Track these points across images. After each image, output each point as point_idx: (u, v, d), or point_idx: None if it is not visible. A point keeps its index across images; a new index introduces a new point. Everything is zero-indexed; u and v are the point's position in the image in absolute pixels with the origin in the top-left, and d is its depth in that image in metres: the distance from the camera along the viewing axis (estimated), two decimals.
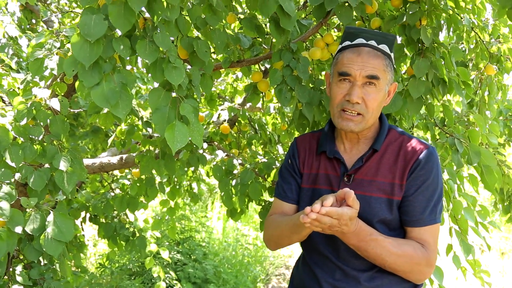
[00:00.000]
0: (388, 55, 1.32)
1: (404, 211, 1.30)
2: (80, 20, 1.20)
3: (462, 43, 2.76)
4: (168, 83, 1.36)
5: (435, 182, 1.30)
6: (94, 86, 1.23)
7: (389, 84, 1.34)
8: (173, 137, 1.24)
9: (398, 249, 1.25)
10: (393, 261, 1.25)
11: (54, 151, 1.56)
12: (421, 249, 1.27)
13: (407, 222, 1.30)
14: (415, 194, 1.28)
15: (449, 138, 1.79)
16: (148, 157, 2.22)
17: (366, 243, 1.22)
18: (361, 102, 1.29)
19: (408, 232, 1.32)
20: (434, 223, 1.30)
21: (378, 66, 1.28)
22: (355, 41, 1.32)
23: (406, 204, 1.29)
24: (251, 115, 3.23)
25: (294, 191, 1.47)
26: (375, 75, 1.27)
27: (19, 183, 1.71)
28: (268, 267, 5.21)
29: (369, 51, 1.29)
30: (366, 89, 1.29)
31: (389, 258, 1.24)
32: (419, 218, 1.28)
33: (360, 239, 1.22)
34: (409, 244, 1.27)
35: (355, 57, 1.29)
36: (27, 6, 3.81)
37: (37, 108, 1.59)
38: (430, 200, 1.29)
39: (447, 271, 1.38)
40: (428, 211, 1.28)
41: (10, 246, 1.27)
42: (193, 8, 1.56)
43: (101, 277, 3.99)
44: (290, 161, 1.50)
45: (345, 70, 1.29)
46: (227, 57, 1.91)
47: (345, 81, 1.31)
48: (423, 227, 1.29)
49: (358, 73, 1.28)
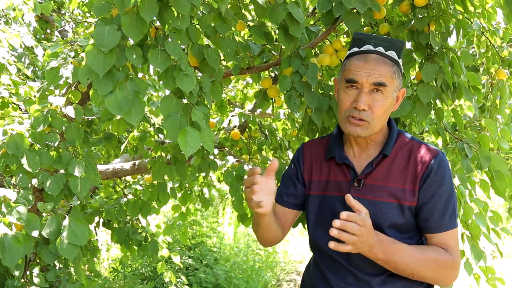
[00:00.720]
0: (396, 61, 1.32)
1: (423, 218, 1.30)
2: (94, 31, 1.24)
3: (473, 48, 2.75)
4: (180, 90, 1.39)
5: (450, 187, 1.30)
6: (107, 94, 1.27)
7: (397, 90, 1.34)
8: (185, 143, 1.27)
9: (423, 255, 1.25)
10: (421, 268, 1.24)
11: (69, 157, 1.60)
12: (444, 253, 1.28)
13: (427, 229, 1.30)
14: (432, 201, 1.28)
15: (459, 143, 1.79)
16: (160, 163, 2.25)
17: (393, 254, 1.22)
18: (368, 109, 1.29)
19: (428, 239, 1.32)
20: (454, 227, 1.30)
21: (386, 73, 1.28)
22: (363, 47, 1.33)
23: (424, 211, 1.29)
24: (261, 121, 3.26)
25: (291, 195, 1.49)
26: (382, 82, 1.28)
27: (35, 188, 1.75)
28: (279, 273, 5.21)
29: (377, 58, 1.30)
30: (373, 96, 1.29)
31: (416, 265, 1.23)
32: (439, 224, 1.29)
33: (386, 249, 1.21)
34: (432, 249, 1.28)
35: (362, 64, 1.30)
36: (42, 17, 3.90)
37: (52, 116, 1.63)
38: (447, 205, 1.29)
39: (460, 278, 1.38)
40: (447, 216, 1.29)
41: (27, 249, 1.31)
42: (203, 16, 1.59)
43: (114, 281, 4.03)
44: (293, 166, 1.51)
45: (352, 77, 1.30)
46: (237, 64, 1.94)
47: (353, 88, 1.31)
48: (444, 232, 1.29)
49: (365, 80, 1.28)
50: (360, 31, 1.76)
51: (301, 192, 1.49)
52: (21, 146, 1.51)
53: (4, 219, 1.32)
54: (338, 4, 1.66)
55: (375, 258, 1.23)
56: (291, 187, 1.50)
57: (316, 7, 2.01)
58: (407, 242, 1.31)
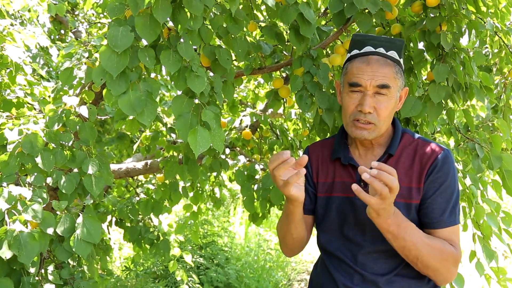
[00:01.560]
0: (397, 61, 1.32)
1: (424, 214, 1.30)
2: (108, 32, 1.26)
3: (486, 48, 2.73)
4: (191, 90, 1.41)
5: (453, 184, 1.30)
6: (121, 95, 1.29)
7: (400, 90, 1.34)
8: (195, 142, 1.29)
9: (430, 241, 1.23)
10: (426, 253, 1.22)
11: (83, 156, 1.63)
12: (449, 246, 1.27)
13: (428, 224, 1.30)
14: (433, 196, 1.28)
15: (470, 143, 1.78)
16: (172, 162, 2.28)
17: (404, 229, 1.19)
18: (373, 112, 1.29)
19: (431, 235, 1.31)
20: (454, 225, 1.30)
21: (389, 75, 1.28)
22: (363, 49, 1.32)
23: (425, 206, 1.29)
24: (273, 121, 3.27)
25: (306, 200, 1.48)
26: (386, 84, 1.27)
27: (50, 187, 1.78)
28: (290, 273, 5.21)
29: (378, 59, 1.29)
30: (377, 98, 1.29)
31: (422, 249, 1.21)
32: (439, 220, 1.28)
33: (399, 222, 1.18)
34: (438, 240, 1.27)
35: (365, 66, 1.29)
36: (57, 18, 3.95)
37: (67, 115, 1.66)
38: (448, 202, 1.29)
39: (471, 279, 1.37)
40: (447, 212, 1.28)
41: (42, 246, 1.34)
42: (215, 17, 1.61)
43: (126, 279, 4.07)
44: None
45: (355, 80, 1.30)
46: (248, 64, 1.95)
47: (356, 91, 1.31)
48: (444, 229, 1.29)
49: (369, 83, 1.28)
50: (371, 31, 1.76)
51: (313, 196, 1.49)
52: (36, 146, 1.54)
53: (20, 217, 1.35)
54: (349, 5, 1.66)
55: (387, 230, 1.19)
56: (305, 193, 1.49)
57: (328, 7, 2.01)
58: None
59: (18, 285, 1.39)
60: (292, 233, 1.42)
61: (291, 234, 1.43)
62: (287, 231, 1.43)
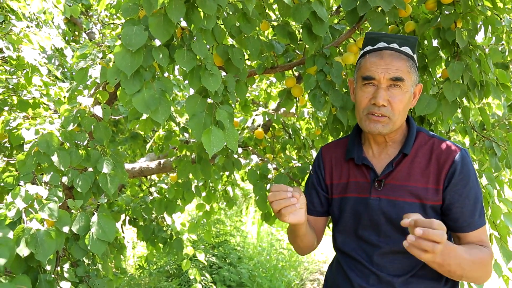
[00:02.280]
0: (411, 56, 1.31)
1: (453, 219, 1.28)
2: (122, 31, 1.27)
3: (503, 44, 2.69)
4: (204, 89, 1.41)
5: (475, 184, 1.29)
6: (135, 94, 1.30)
7: (414, 85, 1.33)
8: (209, 142, 1.29)
9: (471, 256, 1.21)
10: (470, 268, 1.20)
11: (98, 156, 1.65)
12: (484, 249, 1.26)
13: (459, 228, 1.29)
14: (461, 200, 1.26)
15: (486, 142, 1.76)
16: (185, 162, 2.29)
17: (448, 256, 1.16)
18: (387, 105, 1.28)
19: (462, 238, 1.30)
20: (484, 224, 1.29)
21: (402, 68, 1.28)
22: (377, 45, 1.32)
23: (454, 211, 1.27)
24: (285, 120, 3.26)
25: (316, 203, 1.49)
26: (400, 77, 1.27)
27: (65, 186, 1.80)
28: (302, 272, 5.20)
29: (392, 53, 1.29)
30: (391, 92, 1.28)
31: (466, 266, 1.19)
32: (470, 222, 1.27)
33: (442, 252, 1.13)
34: (475, 247, 1.25)
35: (378, 60, 1.29)
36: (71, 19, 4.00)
37: (81, 115, 1.68)
38: (476, 203, 1.27)
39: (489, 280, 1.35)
40: (477, 213, 1.28)
41: (59, 244, 1.35)
42: (228, 17, 1.61)
43: (140, 278, 4.10)
44: (314, 173, 1.51)
45: (369, 74, 1.30)
46: (261, 63, 1.95)
47: (370, 85, 1.31)
48: (476, 230, 1.28)
49: (382, 76, 1.27)
50: (384, 29, 1.75)
51: (324, 199, 1.49)
52: (52, 145, 1.56)
53: (37, 216, 1.37)
54: (362, 3, 1.65)
55: (432, 262, 1.16)
56: (314, 196, 1.50)
57: (340, 5, 2.00)
58: None
59: (35, 283, 1.41)
60: (299, 243, 1.45)
61: (298, 244, 1.46)
62: (294, 242, 1.47)
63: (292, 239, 1.46)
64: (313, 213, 1.50)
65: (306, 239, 1.42)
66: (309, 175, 1.54)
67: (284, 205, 1.18)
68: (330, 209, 1.49)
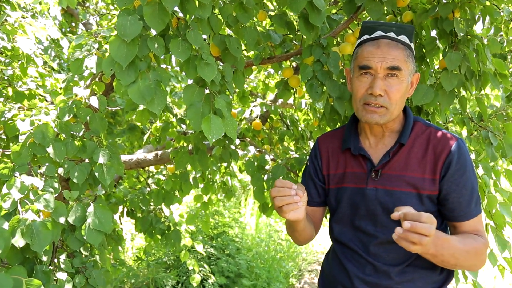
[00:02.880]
0: (408, 45, 1.30)
1: (449, 208, 1.29)
2: (117, 21, 1.26)
3: (501, 35, 2.68)
4: (202, 79, 1.40)
5: (472, 173, 1.29)
6: (130, 84, 1.29)
7: (411, 74, 1.32)
8: (209, 129, 1.29)
9: (465, 245, 1.23)
10: (464, 258, 1.22)
11: (94, 147, 1.64)
12: (478, 238, 1.27)
13: (455, 218, 1.29)
14: (457, 190, 1.27)
15: (483, 131, 1.75)
16: (182, 153, 2.28)
17: (441, 247, 1.18)
18: (384, 95, 1.27)
19: (457, 227, 1.31)
20: (479, 213, 1.30)
21: (399, 57, 1.26)
22: (373, 34, 1.31)
23: (451, 201, 1.28)
24: (283, 111, 3.25)
25: (313, 194, 1.49)
26: (397, 66, 1.26)
27: (62, 177, 1.80)
28: (300, 263, 5.22)
29: (389, 42, 1.28)
30: (388, 81, 1.27)
31: (460, 256, 1.21)
32: (467, 212, 1.28)
33: (435, 243, 1.16)
34: (469, 237, 1.27)
35: (375, 49, 1.28)
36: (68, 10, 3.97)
37: (77, 106, 1.67)
38: (472, 192, 1.28)
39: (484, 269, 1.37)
40: (473, 202, 1.28)
41: (55, 235, 1.35)
42: (225, 6, 1.60)
43: (138, 269, 4.12)
44: (311, 164, 1.51)
45: (365, 63, 1.28)
46: (258, 54, 1.94)
47: (366, 75, 1.30)
48: (472, 219, 1.28)
49: (379, 65, 1.26)
50: (382, 19, 1.74)
51: (321, 189, 1.49)
52: (47, 136, 1.55)
53: (33, 206, 1.37)
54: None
55: (426, 253, 1.18)
56: (311, 186, 1.50)
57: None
58: None
59: (31, 273, 1.41)
60: (297, 236, 1.46)
61: (296, 237, 1.47)
62: (292, 235, 1.48)
63: (291, 232, 1.46)
64: (311, 203, 1.50)
65: (305, 233, 1.43)
66: (306, 166, 1.54)
67: (287, 202, 1.18)
68: (327, 200, 1.49)
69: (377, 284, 1.32)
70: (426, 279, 1.32)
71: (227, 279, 4.08)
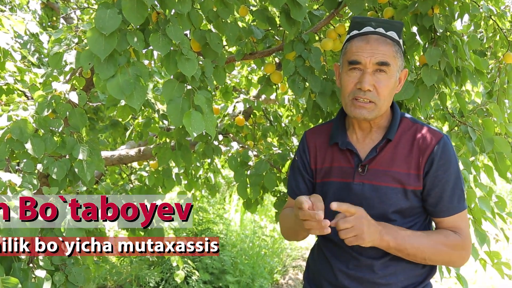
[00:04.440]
0: (397, 41, 1.31)
1: (432, 203, 1.30)
2: (95, 15, 1.25)
3: (481, 31, 2.71)
4: (182, 75, 1.39)
5: (456, 169, 1.30)
6: (109, 78, 1.28)
7: (400, 70, 1.33)
8: (190, 125, 1.28)
9: (431, 240, 1.26)
10: (431, 253, 1.26)
11: (73, 142, 1.62)
12: (453, 235, 1.29)
13: (437, 213, 1.31)
14: (440, 185, 1.28)
15: (462, 126, 1.78)
16: (165, 149, 2.27)
17: (402, 240, 1.23)
18: (373, 90, 1.28)
19: (438, 223, 1.33)
20: (464, 209, 1.31)
21: (388, 53, 1.27)
22: (363, 29, 1.31)
23: (433, 196, 1.29)
24: (267, 107, 3.26)
25: (302, 188, 1.49)
26: (386, 62, 1.27)
27: (41, 174, 1.77)
28: (285, 259, 5.24)
29: (378, 38, 1.29)
30: (377, 76, 1.28)
31: (427, 250, 1.25)
32: (449, 207, 1.29)
33: (395, 236, 1.23)
34: (440, 233, 1.29)
35: (364, 44, 1.28)
36: (48, 4, 3.90)
37: (56, 101, 1.65)
38: (455, 188, 1.29)
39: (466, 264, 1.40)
40: (456, 198, 1.29)
41: (33, 232, 1.33)
42: (205, 1, 1.59)
43: (121, 266, 4.09)
44: (299, 158, 1.50)
45: (354, 58, 1.29)
46: (240, 49, 1.94)
47: (355, 70, 1.30)
48: (454, 215, 1.30)
49: (368, 60, 1.27)
50: (363, 15, 1.75)
51: (310, 183, 1.49)
52: (26, 132, 1.52)
53: (10, 203, 1.34)
54: None
55: (388, 247, 1.24)
56: (300, 181, 1.49)
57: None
58: (411, 226, 1.32)
59: (9, 271, 1.39)
60: (291, 234, 1.47)
61: (290, 235, 1.49)
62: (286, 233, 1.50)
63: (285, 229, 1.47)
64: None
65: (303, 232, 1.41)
66: (294, 160, 1.54)
67: (316, 228, 1.18)
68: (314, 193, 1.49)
69: (361, 278, 1.33)
70: (409, 273, 1.33)
71: (211, 276, 4.08)
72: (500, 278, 2.02)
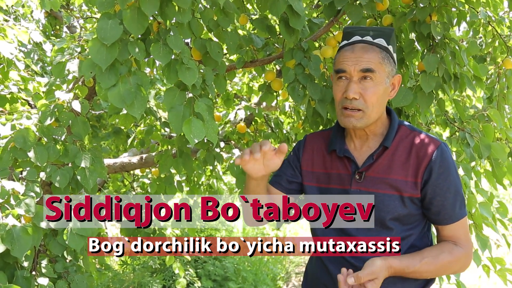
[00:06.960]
0: (385, 48, 1.32)
1: (434, 212, 1.31)
2: (97, 25, 1.27)
3: (481, 37, 2.72)
4: (183, 83, 1.41)
5: (455, 176, 1.31)
6: (110, 87, 1.30)
7: (390, 76, 1.33)
8: (190, 132, 1.30)
9: (437, 262, 1.28)
10: (438, 272, 1.30)
11: (76, 151, 1.64)
12: (456, 248, 1.30)
13: (440, 221, 1.32)
14: (441, 193, 1.28)
15: (460, 133, 1.79)
16: (166, 156, 2.28)
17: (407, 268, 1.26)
18: (359, 98, 1.28)
19: (440, 231, 1.34)
20: (464, 216, 1.32)
21: (373, 60, 1.28)
22: (351, 39, 1.33)
23: (435, 205, 1.29)
24: (268, 114, 3.27)
25: (285, 180, 1.50)
26: (369, 68, 1.27)
27: (44, 182, 1.79)
28: (288, 266, 5.24)
29: (364, 46, 1.30)
30: (363, 84, 1.29)
31: (435, 271, 1.29)
32: (451, 215, 1.30)
33: (402, 269, 1.26)
34: (444, 251, 1.30)
35: (350, 53, 1.30)
36: (51, 13, 3.94)
37: (59, 110, 1.67)
38: (456, 195, 1.29)
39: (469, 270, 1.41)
40: (458, 205, 1.30)
41: (36, 240, 1.35)
42: (205, 10, 1.61)
43: (124, 274, 4.09)
44: (294, 153, 1.52)
45: (340, 67, 1.31)
46: (240, 57, 1.96)
47: (342, 79, 1.32)
48: (455, 223, 1.30)
49: (353, 68, 1.28)
50: (362, 23, 1.76)
51: (297, 179, 1.50)
52: (29, 140, 1.54)
53: (13, 211, 1.36)
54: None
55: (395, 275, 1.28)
56: (289, 172, 1.50)
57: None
58: (410, 234, 1.33)
59: (11, 279, 1.40)
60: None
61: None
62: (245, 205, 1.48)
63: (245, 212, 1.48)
64: (278, 187, 1.50)
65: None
66: (288, 155, 1.54)
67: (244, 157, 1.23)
68: (306, 198, 1.49)
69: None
70: (408, 281, 1.33)
71: (213, 283, 4.07)
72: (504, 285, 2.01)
